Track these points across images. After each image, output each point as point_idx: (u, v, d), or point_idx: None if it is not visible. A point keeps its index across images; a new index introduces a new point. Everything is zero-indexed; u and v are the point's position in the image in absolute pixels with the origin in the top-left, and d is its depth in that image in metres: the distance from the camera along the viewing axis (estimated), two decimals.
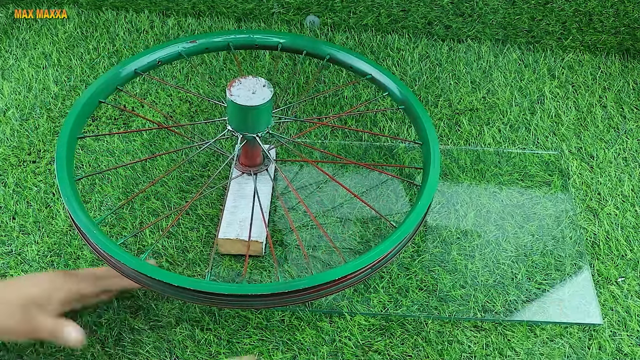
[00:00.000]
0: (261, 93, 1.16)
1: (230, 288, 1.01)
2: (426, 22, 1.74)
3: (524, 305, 1.21)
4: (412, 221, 1.13)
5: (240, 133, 1.20)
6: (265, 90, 1.16)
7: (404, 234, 1.11)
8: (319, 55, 1.41)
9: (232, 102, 1.15)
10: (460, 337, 1.16)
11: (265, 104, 1.15)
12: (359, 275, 1.07)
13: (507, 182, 1.40)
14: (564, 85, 1.64)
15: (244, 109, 1.15)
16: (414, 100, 1.31)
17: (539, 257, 1.28)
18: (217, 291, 1.00)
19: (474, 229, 1.32)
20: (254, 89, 1.16)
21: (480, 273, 1.25)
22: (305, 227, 1.31)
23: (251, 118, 1.17)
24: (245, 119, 1.18)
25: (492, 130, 1.51)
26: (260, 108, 1.15)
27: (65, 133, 1.19)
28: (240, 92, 1.15)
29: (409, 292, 1.22)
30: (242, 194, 1.29)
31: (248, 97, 1.15)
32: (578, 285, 1.24)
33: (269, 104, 1.17)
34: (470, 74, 1.66)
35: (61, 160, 1.14)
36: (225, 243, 1.24)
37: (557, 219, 1.35)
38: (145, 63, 1.34)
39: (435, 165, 1.21)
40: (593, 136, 1.51)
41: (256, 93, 1.16)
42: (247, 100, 1.14)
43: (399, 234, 1.11)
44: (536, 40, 1.74)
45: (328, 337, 1.16)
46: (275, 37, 1.42)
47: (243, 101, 1.14)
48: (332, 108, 1.54)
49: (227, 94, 1.15)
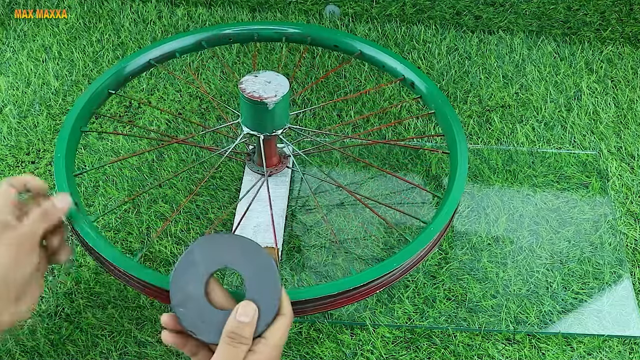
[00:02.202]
0: (277, 88, 1.16)
1: None
2: (454, 12, 1.74)
3: (559, 317, 1.21)
4: (449, 209, 1.14)
5: (260, 134, 1.21)
6: (281, 83, 1.17)
7: (441, 224, 1.12)
8: (348, 51, 1.42)
9: (250, 100, 1.15)
10: (491, 351, 1.16)
11: (282, 99, 1.16)
12: (397, 273, 1.08)
13: (542, 184, 1.40)
14: (602, 80, 1.64)
15: (259, 106, 1.15)
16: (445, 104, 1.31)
17: (576, 264, 1.28)
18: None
19: (505, 234, 1.32)
20: (268, 84, 1.17)
21: (513, 282, 1.25)
22: (321, 239, 1.32)
23: (272, 115, 1.18)
24: (265, 117, 1.18)
25: (525, 128, 1.51)
26: (277, 105, 1.16)
27: (70, 123, 1.21)
28: (255, 88, 1.16)
29: (435, 302, 1.22)
30: (257, 197, 1.29)
31: (265, 91, 1.15)
32: (618, 295, 1.24)
33: (286, 100, 1.17)
34: (501, 68, 1.66)
35: (61, 150, 1.17)
36: None
37: (595, 223, 1.34)
38: (186, 43, 1.39)
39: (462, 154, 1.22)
40: (634, 135, 1.51)
41: (272, 87, 1.16)
42: (266, 95, 1.15)
43: (435, 226, 1.11)
44: (573, 32, 1.74)
45: (349, 350, 1.16)
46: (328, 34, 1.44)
47: (257, 97, 1.15)
48: (353, 105, 1.54)
49: (240, 90, 1.15)
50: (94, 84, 1.28)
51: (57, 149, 1.17)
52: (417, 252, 1.08)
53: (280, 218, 1.30)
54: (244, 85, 1.16)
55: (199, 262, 0.93)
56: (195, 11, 1.78)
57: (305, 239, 1.31)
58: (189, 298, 0.92)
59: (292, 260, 1.28)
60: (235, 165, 1.41)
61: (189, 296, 0.92)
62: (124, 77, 1.32)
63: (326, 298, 1.02)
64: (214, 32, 1.40)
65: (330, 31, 1.43)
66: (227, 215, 1.34)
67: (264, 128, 1.20)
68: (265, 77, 1.17)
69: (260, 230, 1.26)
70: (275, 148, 1.30)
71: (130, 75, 1.34)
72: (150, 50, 1.36)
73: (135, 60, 1.34)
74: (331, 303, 1.04)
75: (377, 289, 1.07)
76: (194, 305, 0.91)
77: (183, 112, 1.53)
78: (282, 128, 1.21)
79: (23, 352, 1.13)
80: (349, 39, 1.40)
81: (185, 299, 0.92)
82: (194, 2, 1.80)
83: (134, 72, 1.34)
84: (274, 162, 1.34)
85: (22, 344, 1.14)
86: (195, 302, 0.91)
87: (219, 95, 1.57)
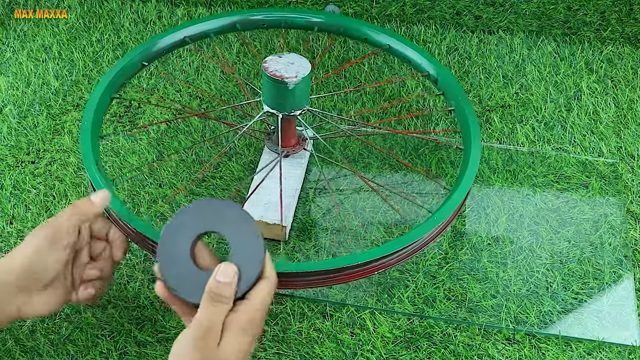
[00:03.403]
0: (298, 69, 1.21)
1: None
2: (454, 12, 1.75)
3: (559, 317, 1.21)
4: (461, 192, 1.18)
5: (280, 112, 1.25)
6: (303, 65, 1.22)
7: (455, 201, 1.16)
8: (378, 44, 1.45)
9: (271, 78, 1.20)
10: (491, 351, 1.16)
11: (302, 80, 1.20)
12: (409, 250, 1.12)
13: (542, 185, 1.41)
14: (602, 80, 1.64)
15: (280, 85, 1.20)
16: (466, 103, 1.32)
17: (576, 264, 1.28)
18: None
19: (505, 234, 1.32)
20: (290, 64, 1.22)
21: (513, 282, 1.25)
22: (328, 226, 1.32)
23: (292, 94, 1.22)
24: (286, 96, 1.22)
25: (525, 128, 1.51)
26: (296, 85, 1.20)
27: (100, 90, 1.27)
28: (277, 67, 1.21)
29: (435, 302, 1.22)
30: (271, 175, 1.32)
31: (287, 71, 1.21)
32: (618, 295, 1.24)
33: (306, 82, 1.22)
34: (501, 68, 1.66)
35: (89, 113, 1.24)
36: None
37: (595, 223, 1.35)
38: (219, 25, 1.45)
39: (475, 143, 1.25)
40: (634, 135, 1.51)
41: (294, 68, 1.21)
42: (287, 74, 1.20)
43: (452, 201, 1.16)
44: (573, 32, 1.74)
45: (349, 350, 1.16)
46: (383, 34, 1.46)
47: (279, 76, 1.20)
48: (372, 96, 1.55)
49: (263, 69, 1.20)
50: (128, 54, 1.34)
51: (86, 112, 1.23)
52: (443, 221, 1.14)
53: (291, 198, 1.32)
54: (268, 64, 1.21)
55: (189, 224, 0.97)
56: (195, 11, 1.79)
57: (318, 222, 1.33)
58: (175, 257, 0.95)
59: (300, 239, 1.30)
60: (236, 165, 1.41)
61: (175, 255, 0.95)
62: (158, 51, 1.38)
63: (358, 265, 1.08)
64: (248, 15, 1.45)
65: (360, 22, 1.48)
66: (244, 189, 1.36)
67: (283, 107, 1.25)
68: (288, 59, 1.23)
69: (270, 207, 1.29)
70: (294, 130, 1.34)
71: (164, 50, 1.39)
72: (187, 27, 1.41)
73: (171, 35, 1.39)
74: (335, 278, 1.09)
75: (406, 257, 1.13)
76: (179, 264, 0.94)
77: (183, 112, 1.53)
78: (300, 109, 1.26)
79: (23, 352, 1.13)
80: (378, 31, 1.44)
81: (171, 258, 0.95)
82: (194, 2, 1.80)
83: (168, 47, 1.39)
84: (292, 143, 1.37)
85: (22, 344, 1.14)
86: (180, 262, 0.95)
87: (219, 95, 1.57)
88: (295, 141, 1.37)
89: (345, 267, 1.06)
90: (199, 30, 1.41)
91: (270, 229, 1.27)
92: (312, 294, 1.22)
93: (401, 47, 1.41)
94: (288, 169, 1.36)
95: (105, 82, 1.28)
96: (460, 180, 1.18)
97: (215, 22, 1.42)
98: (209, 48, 1.69)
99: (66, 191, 1.36)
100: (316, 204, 1.36)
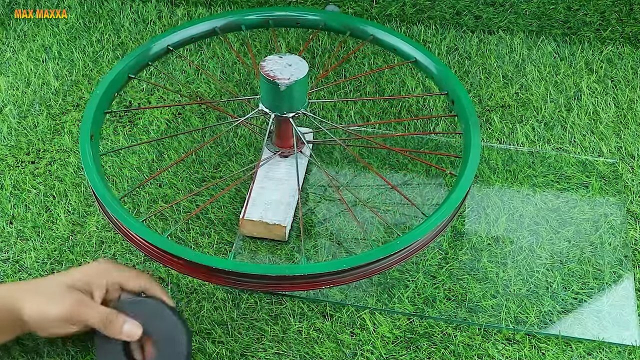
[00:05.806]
0: (296, 70, 1.21)
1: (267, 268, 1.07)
2: (454, 12, 1.74)
3: (559, 317, 1.21)
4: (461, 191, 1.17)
5: (272, 112, 1.25)
6: (300, 67, 1.21)
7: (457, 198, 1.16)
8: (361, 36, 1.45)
9: (265, 77, 1.19)
10: (491, 351, 1.16)
11: (295, 83, 1.20)
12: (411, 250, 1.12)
13: (542, 184, 1.41)
14: (602, 80, 1.64)
15: (275, 86, 1.19)
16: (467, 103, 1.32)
17: (576, 264, 1.28)
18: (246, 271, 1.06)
19: (505, 234, 1.32)
20: (288, 66, 1.21)
21: (513, 282, 1.25)
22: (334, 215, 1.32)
23: (284, 96, 1.22)
24: (279, 97, 1.22)
25: (525, 128, 1.51)
26: (294, 85, 1.20)
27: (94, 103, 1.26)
28: (274, 68, 1.20)
29: (435, 302, 1.22)
30: (271, 175, 1.33)
31: (281, 73, 1.20)
32: (618, 296, 1.24)
33: (301, 84, 1.21)
34: (501, 68, 1.66)
35: (102, 88, 1.27)
36: (248, 224, 1.26)
37: (595, 223, 1.35)
38: (251, 18, 1.45)
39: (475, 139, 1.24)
40: (634, 135, 1.51)
41: (290, 70, 1.20)
42: (281, 76, 1.19)
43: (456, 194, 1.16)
44: (573, 32, 1.74)
45: (349, 350, 1.16)
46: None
47: (272, 77, 1.19)
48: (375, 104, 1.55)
49: (260, 69, 1.20)
50: (156, 37, 1.37)
51: (98, 87, 1.26)
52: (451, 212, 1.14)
53: (291, 198, 1.32)
54: (266, 62, 1.21)
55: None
56: (195, 11, 1.79)
57: (319, 222, 1.33)
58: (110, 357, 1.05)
59: (300, 239, 1.30)
60: (236, 165, 1.41)
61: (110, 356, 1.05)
62: (187, 38, 1.40)
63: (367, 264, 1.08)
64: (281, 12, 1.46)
65: (390, 30, 1.46)
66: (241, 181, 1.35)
67: (276, 108, 1.24)
68: (287, 60, 1.22)
69: (270, 207, 1.28)
70: (290, 131, 1.32)
71: (192, 38, 1.41)
72: (218, 18, 1.42)
73: (200, 24, 1.41)
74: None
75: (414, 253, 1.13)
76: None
77: (183, 112, 1.53)
78: (294, 112, 1.25)
79: (23, 352, 1.13)
80: (387, 31, 1.43)
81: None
82: (194, 2, 1.80)
83: (196, 36, 1.41)
84: (290, 144, 1.36)
85: (22, 344, 1.14)
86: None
87: (218, 96, 1.57)
88: (293, 143, 1.36)
89: (345, 269, 1.06)
90: (230, 20, 1.42)
91: (270, 229, 1.26)
92: (312, 294, 1.22)
93: (409, 48, 1.40)
94: (288, 169, 1.35)
95: (127, 60, 1.31)
96: (460, 180, 1.18)
97: (248, 16, 1.44)
98: (209, 48, 1.69)
99: (66, 191, 1.36)
100: (316, 204, 1.36)
